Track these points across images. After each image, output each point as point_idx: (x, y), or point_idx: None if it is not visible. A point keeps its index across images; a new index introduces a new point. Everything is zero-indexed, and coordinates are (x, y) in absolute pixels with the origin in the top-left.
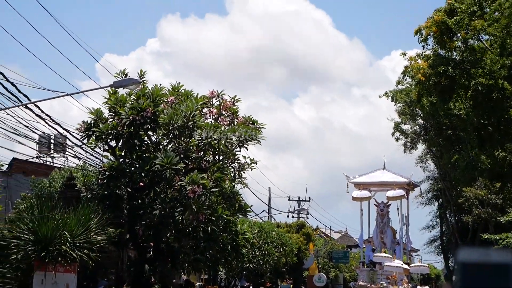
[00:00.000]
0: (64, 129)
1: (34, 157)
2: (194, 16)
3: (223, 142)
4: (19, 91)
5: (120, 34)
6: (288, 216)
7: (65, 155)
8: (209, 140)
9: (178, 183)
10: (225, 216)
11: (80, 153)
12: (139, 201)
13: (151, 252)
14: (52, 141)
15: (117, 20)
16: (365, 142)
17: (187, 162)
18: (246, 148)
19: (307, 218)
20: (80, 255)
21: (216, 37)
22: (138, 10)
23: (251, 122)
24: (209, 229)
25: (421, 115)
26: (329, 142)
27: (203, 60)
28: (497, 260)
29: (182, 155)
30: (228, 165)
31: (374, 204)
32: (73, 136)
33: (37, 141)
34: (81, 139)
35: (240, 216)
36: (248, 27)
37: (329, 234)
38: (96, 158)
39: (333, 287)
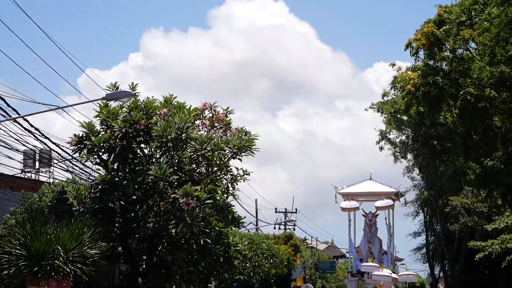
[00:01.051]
0: (53, 142)
1: (19, 172)
2: (177, 30)
3: (216, 153)
4: (8, 105)
5: (102, 48)
6: (275, 228)
7: (51, 170)
8: (202, 152)
9: (172, 195)
10: (217, 228)
11: (72, 167)
12: (132, 214)
13: (143, 265)
14: (37, 155)
15: (98, 34)
16: (349, 153)
17: (180, 174)
18: (240, 159)
19: (294, 229)
20: (74, 269)
21: (200, 51)
22: (121, 24)
23: (244, 134)
24: (202, 241)
25: (408, 125)
26: (314, 154)
27: (187, 74)
28: None
29: (175, 167)
30: (221, 177)
31: (362, 214)
32: (62, 150)
33: (23, 155)
34: (72, 153)
35: (232, 228)
36: (232, 41)
37: (315, 245)
38: (87, 172)
39: None
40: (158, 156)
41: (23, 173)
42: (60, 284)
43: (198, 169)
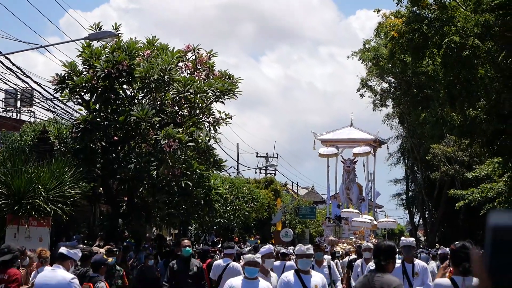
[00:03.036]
0: (35, 82)
1: (1, 111)
2: None
3: (199, 96)
4: None
5: None
6: (255, 172)
7: (33, 109)
8: (185, 94)
9: (154, 137)
10: (198, 171)
11: (54, 107)
12: (114, 155)
13: (124, 207)
14: (19, 94)
15: None
16: (332, 100)
17: (162, 116)
18: (222, 102)
19: (275, 174)
20: (54, 209)
21: None
22: None
23: (227, 77)
24: (183, 183)
25: (390, 73)
26: (297, 100)
27: (170, 17)
28: None
29: (157, 109)
30: (203, 119)
31: (341, 161)
32: (44, 89)
33: (4, 94)
34: (54, 92)
35: (213, 171)
36: None
37: (296, 190)
38: (68, 112)
39: (300, 242)
40: (140, 97)
41: (5, 112)
42: (40, 223)
43: (181, 112)
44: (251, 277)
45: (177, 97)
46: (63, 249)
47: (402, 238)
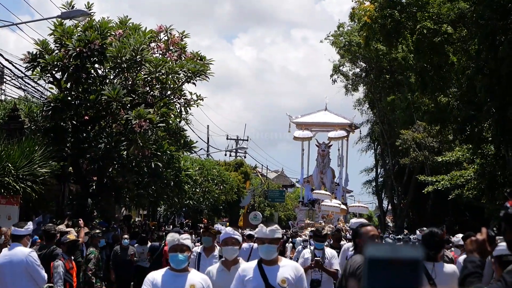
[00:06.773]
0: (6, 59)
1: None
2: None
3: (170, 77)
4: None
5: None
6: (225, 155)
7: (3, 87)
8: (157, 74)
9: (124, 117)
10: (168, 152)
11: (25, 84)
12: (84, 135)
13: (94, 186)
14: None
15: None
16: (306, 83)
17: (133, 96)
18: (194, 83)
19: (245, 157)
20: (24, 187)
21: None
22: None
23: (199, 58)
24: (153, 164)
25: (362, 58)
26: (270, 83)
27: None
28: (406, 256)
29: (129, 89)
30: (174, 100)
31: (316, 145)
32: (15, 67)
33: None
34: (25, 70)
35: (184, 152)
36: None
37: (265, 174)
38: (39, 91)
39: (268, 225)
40: (112, 77)
41: None
42: (9, 201)
43: (152, 92)
44: (178, 267)
45: (149, 78)
46: (13, 230)
47: (352, 220)
